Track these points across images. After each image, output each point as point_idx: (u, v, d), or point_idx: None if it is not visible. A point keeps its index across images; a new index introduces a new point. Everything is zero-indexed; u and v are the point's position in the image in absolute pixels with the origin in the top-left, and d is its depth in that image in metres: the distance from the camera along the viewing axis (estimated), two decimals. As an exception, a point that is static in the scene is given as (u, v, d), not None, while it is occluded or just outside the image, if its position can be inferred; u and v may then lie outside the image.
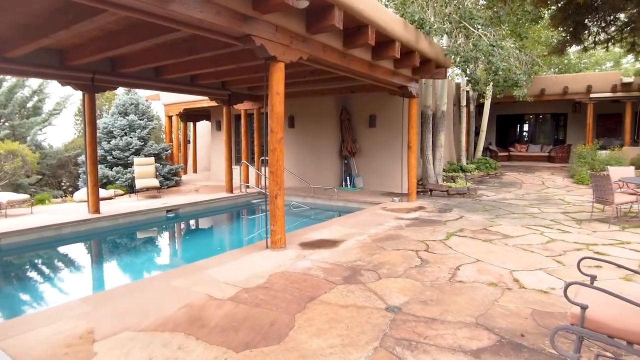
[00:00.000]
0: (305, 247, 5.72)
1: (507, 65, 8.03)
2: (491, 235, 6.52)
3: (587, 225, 7.41)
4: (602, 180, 7.40)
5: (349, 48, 6.56)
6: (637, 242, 6.16)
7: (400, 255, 5.34)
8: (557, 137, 21.37)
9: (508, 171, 15.89)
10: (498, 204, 9.59)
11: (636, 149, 15.35)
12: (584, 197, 10.56)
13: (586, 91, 15.93)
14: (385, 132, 11.52)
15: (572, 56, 23.48)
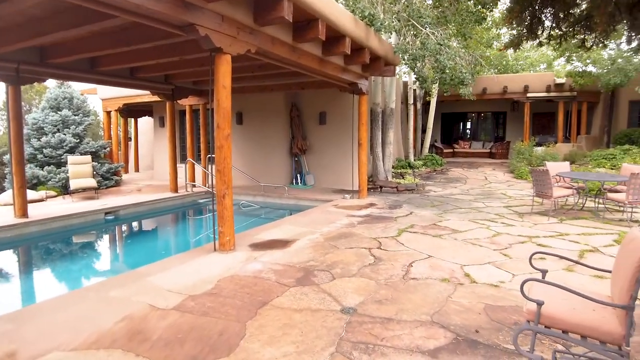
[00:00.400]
0: (255, 249, 5.49)
1: (453, 64, 8.21)
2: (441, 231, 6.61)
3: (528, 218, 7.72)
4: (541, 175, 7.75)
5: (299, 42, 6.39)
6: (575, 234, 6.49)
7: (353, 254, 5.25)
8: (497, 134, 22.44)
9: (453, 167, 16.44)
10: (445, 199, 9.82)
11: (568, 145, 16.39)
12: (523, 191, 11.07)
13: (523, 91, 16.81)
14: (336, 129, 11.48)
15: (510, 57, 24.71)
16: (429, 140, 16.94)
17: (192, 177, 11.71)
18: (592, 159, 13.97)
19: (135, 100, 14.04)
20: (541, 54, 26.63)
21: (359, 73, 9.16)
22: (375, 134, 11.25)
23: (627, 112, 16.76)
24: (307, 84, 10.56)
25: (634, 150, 13.36)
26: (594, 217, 7.78)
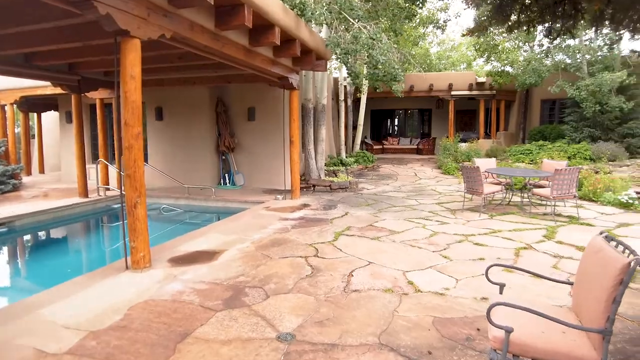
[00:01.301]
0: (176, 264, 4.79)
1: (386, 59, 8.01)
2: (378, 232, 6.34)
3: (460, 215, 7.75)
4: (472, 172, 7.79)
5: (222, 29, 5.74)
6: (507, 230, 6.54)
7: (288, 264, 4.76)
8: (423, 130, 23.14)
9: (383, 163, 16.55)
10: (379, 197, 9.67)
11: (489, 141, 17.20)
12: (452, 187, 11.29)
13: (448, 89, 17.36)
14: (266, 125, 10.89)
15: (434, 57, 25.62)
16: (360, 137, 16.91)
17: (105, 179, 10.48)
18: (511, 154, 14.73)
19: (36, 92, 12.34)
20: (461, 54, 27.94)
21: (290, 67, 8.66)
22: (307, 131, 10.84)
23: (539, 109, 17.96)
24: (234, 77, 9.84)
25: (548, 145, 14.27)
26: (521, 211, 8.00)
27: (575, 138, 14.51)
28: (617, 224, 6.97)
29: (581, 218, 7.31)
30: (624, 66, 13.60)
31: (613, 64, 13.70)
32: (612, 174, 10.94)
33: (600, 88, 12.78)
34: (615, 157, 12.75)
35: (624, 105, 13.09)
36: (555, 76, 14.86)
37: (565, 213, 7.73)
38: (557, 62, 15.09)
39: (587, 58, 14.30)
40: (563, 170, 7.16)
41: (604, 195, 8.80)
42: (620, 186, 9.16)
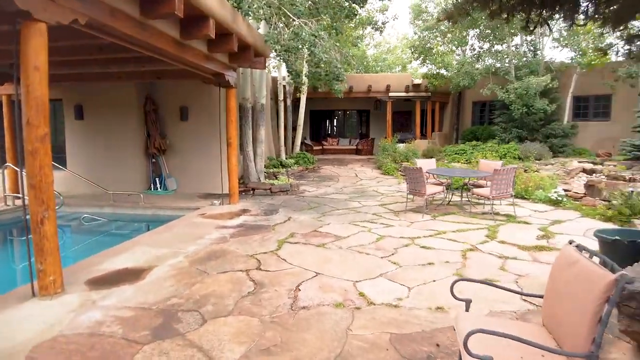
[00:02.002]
0: (96, 287, 4.14)
1: (328, 58, 7.74)
2: (323, 238, 6.03)
3: (404, 216, 7.66)
4: (415, 174, 7.74)
5: (149, 17, 5.12)
6: (451, 231, 6.51)
7: (228, 281, 4.29)
8: (362, 131, 23.33)
9: (324, 164, 16.36)
10: (321, 199, 9.39)
11: (425, 141, 17.63)
12: (392, 187, 11.30)
13: (386, 90, 17.55)
14: (201, 126, 10.20)
15: (370, 58, 25.97)
16: (300, 138, 16.59)
17: (13, 186, 9.24)
18: (446, 154, 15.15)
19: None
20: (397, 57, 28.60)
21: (226, 63, 8.11)
22: (245, 132, 10.31)
23: (471, 111, 18.73)
24: (165, 72, 9.07)
25: (481, 145, 14.84)
26: (461, 211, 8.09)
27: (505, 138, 15.23)
28: (550, 221, 7.22)
29: (518, 216, 7.50)
30: (547, 71, 14.47)
31: (537, 69, 14.53)
32: (540, 172, 11.51)
33: (527, 91, 13.48)
34: (541, 156, 13.51)
35: (547, 108, 13.93)
36: (486, 79, 15.52)
37: (503, 212, 7.90)
38: (488, 66, 15.77)
39: (514, 63, 15.06)
40: (501, 170, 7.31)
41: (536, 193, 9.17)
42: (549, 184, 9.60)
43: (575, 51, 14.59)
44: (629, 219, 6.96)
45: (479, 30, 16.33)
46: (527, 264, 5.02)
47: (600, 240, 4.45)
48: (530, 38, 16.01)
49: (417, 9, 18.17)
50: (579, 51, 14.38)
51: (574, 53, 14.72)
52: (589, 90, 15.09)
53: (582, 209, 8.07)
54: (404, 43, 27.13)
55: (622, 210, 7.11)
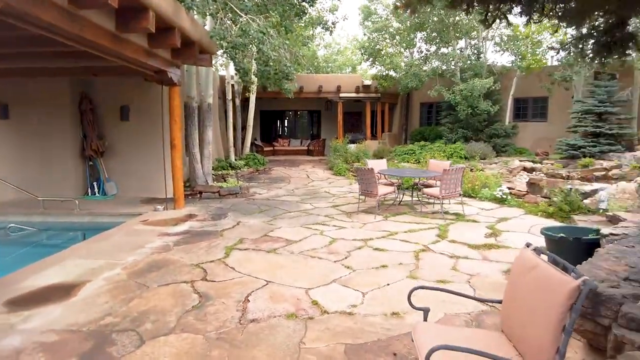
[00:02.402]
0: (17, 307, 3.66)
1: (278, 56, 7.50)
2: (274, 243, 5.79)
3: (356, 217, 7.58)
4: (366, 174, 7.68)
5: (79, 7, 4.66)
6: (402, 232, 6.49)
7: (170, 294, 3.95)
8: (313, 132, 23.24)
9: (275, 166, 16.07)
10: (272, 202, 9.14)
11: (375, 142, 17.79)
12: (344, 188, 11.24)
13: (337, 91, 17.54)
14: (143, 126, 9.61)
15: (321, 59, 25.95)
16: (249, 139, 16.18)
17: None
18: (396, 154, 15.35)
19: None
20: (347, 58, 28.81)
21: (169, 59, 7.66)
22: (191, 133, 9.84)
23: (419, 112, 19.14)
24: (102, 69, 8.44)
25: (429, 145, 15.17)
26: (412, 211, 8.14)
27: (452, 138, 15.67)
28: (497, 218, 7.41)
29: (466, 215, 7.64)
30: (489, 74, 15.04)
31: (481, 72, 15.06)
32: (485, 171, 11.89)
33: (471, 93, 13.93)
34: (485, 155, 14.00)
35: (490, 109, 14.47)
36: (433, 81, 15.90)
37: (452, 210, 8.03)
38: (434, 68, 16.17)
39: (459, 65, 15.53)
40: (450, 170, 7.41)
41: (482, 192, 9.42)
42: (493, 183, 9.90)
43: (515, 55, 15.28)
44: (568, 215, 7.27)
45: (426, 33, 16.71)
46: (477, 263, 5.06)
47: (547, 238, 4.54)
48: (474, 42, 16.61)
49: (366, 11, 18.32)
50: (519, 55, 15.07)
51: (514, 57, 15.42)
52: (528, 92, 15.86)
53: (525, 206, 8.37)
54: (354, 44, 27.36)
55: (562, 207, 7.42)
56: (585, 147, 12.61)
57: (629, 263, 3.19)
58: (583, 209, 7.35)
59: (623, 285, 2.91)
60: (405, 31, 16.62)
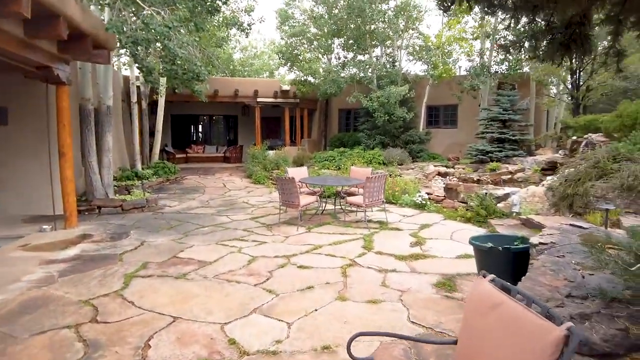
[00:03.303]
0: None
1: (187, 55, 6.73)
2: (185, 266, 5.07)
3: (277, 230, 7.08)
4: (287, 184, 7.21)
5: None
6: (327, 245, 6.11)
7: (46, 347, 3.11)
8: (229, 138, 22.27)
9: (188, 174, 14.96)
10: (184, 216, 8.28)
11: (295, 148, 17.43)
12: (264, 197, 10.67)
13: (254, 95, 16.87)
14: (26, 131, 8.19)
15: (237, 63, 25.06)
16: (158, 145, 14.90)
17: None
18: (316, 160, 15.10)
19: None
20: (264, 63, 28.22)
21: (55, 53, 6.52)
22: (87, 139, 8.61)
23: (337, 118, 19.17)
24: (-33, 64, 7.01)
25: (348, 151, 15.13)
26: (335, 220, 7.83)
27: (370, 144, 15.82)
28: (419, 225, 7.35)
29: (390, 222, 7.50)
30: (404, 82, 15.43)
31: (397, 79, 15.40)
32: (403, 176, 12.05)
33: (388, 100, 14.14)
34: (403, 161, 14.29)
35: (406, 116, 14.83)
36: (352, 87, 15.95)
37: (375, 218, 7.85)
38: (352, 75, 16.24)
39: (376, 73, 15.75)
40: (373, 177, 7.20)
41: (402, 198, 9.42)
42: (413, 188, 9.99)
43: (428, 64, 15.87)
44: (485, 219, 7.43)
45: (344, 40, 16.76)
46: (406, 276, 4.82)
47: (476, 248, 4.40)
48: (389, 50, 16.99)
49: (283, 14, 17.94)
50: (431, 64, 15.67)
51: (427, 66, 16.02)
52: (440, 100, 16.58)
53: (444, 211, 8.48)
54: (271, 49, 26.87)
55: (479, 212, 7.57)
56: (493, 152, 13.36)
57: (568, 277, 3.06)
58: (498, 213, 7.57)
59: (567, 303, 2.75)
60: (323, 37, 16.51)
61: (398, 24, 15.41)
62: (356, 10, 14.55)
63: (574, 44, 2.28)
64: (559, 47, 2.33)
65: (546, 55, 2.47)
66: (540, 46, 2.47)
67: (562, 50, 2.34)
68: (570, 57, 2.45)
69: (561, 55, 2.40)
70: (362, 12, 14.56)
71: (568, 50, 2.35)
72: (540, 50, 2.46)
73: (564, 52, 2.37)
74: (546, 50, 2.43)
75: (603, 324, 2.56)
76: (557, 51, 2.37)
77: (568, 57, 2.44)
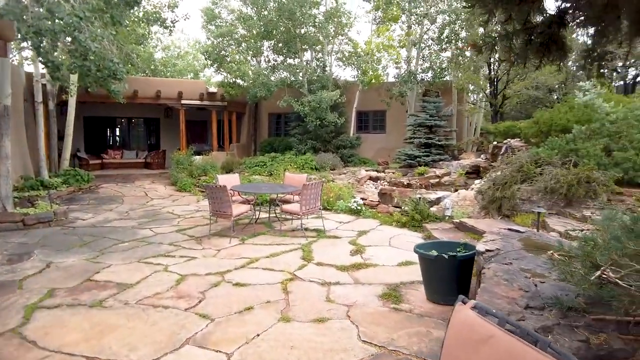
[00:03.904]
0: None
1: (100, 49, 5.95)
2: (101, 291, 4.40)
3: (208, 243, 6.54)
4: (218, 193, 6.70)
5: None
6: (264, 257, 5.73)
7: None
8: (151, 142, 20.86)
9: (104, 183, 13.63)
10: (100, 230, 7.40)
11: (223, 153, 16.69)
12: (191, 206, 9.98)
13: (178, 97, 15.86)
14: None
15: (159, 63, 23.61)
16: (69, 150, 13.38)
17: None
18: (246, 166, 14.54)
19: None
20: (188, 63, 26.94)
21: None
22: (-22, 144, 7.38)
23: (267, 122, 18.72)
24: None
25: (280, 157, 14.76)
26: (271, 229, 7.45)
27: (302, 149, 15.59)
28: (357, 232, 7.22)
29: (327, 230, 7.28)
30: (335, 87, 15.41)
31: (328, 84, 15.34)
32: (336, 181, 11.95)
33: (319, 104, 14.01)
34: (335, 166, 14.23)
35: (337, 121, 14.81)
36: (282, 91, 15.61)
37: (312, 226, 7.60)
38: (283, 79, 15.92)
39: (307, 77, 15.57)
40: (310, 184, 6.93)
41: (337, 204, 9.28)
42: (347, 194, 9.90)
43: (358, 70, 16.00)
44: (420, 224, 7.48)
45: (274, 43, 16.40)
46: (351, 288, 4.60)
47: (421, 257, 4.27)
48: (319, 55, 16.92)
49: (210, 14, 17.14)
50: (361, 71, 15.80)
51: (357, 72, 16.15)
52: (369, 106, 16.81)
53: (379, 217, 8.44)
54: (196, 49, 25.69)
55: (414, 216, 7.61)
56: (420, 156, 13.75)
57: (522, 286, 2.97)
58: (432, 217, 7.66)
59: (527, 316, 2.64)
60: (252, 38, 16.01)
61: (328, 29, 15.38)
62: (286, 12, 14.27)
63: (554, 45, 2.18)
64: (538, 49, 2.21)
65: (521, 56, 2.35)
66: (514, 47, 2.34)
67: (542, 51, 2.23)
68: (548, 60, 2.35)
69: (539, 57, 2.28)
70: (293, 15, 14.31)
71: (547, 52, 2.24)
72: (516, 51, 2.34)
73: (542, 55, 2.26)
74: (521, 51, 2.30)
75: (565, 335, 2.48)
76: (535, 52, 2.25)
77: (546, 59, 2.34)
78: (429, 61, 15.97)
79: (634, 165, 6.63)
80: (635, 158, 6.69)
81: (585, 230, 4.36)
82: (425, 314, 3.92)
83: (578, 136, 7.73)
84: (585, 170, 6.48)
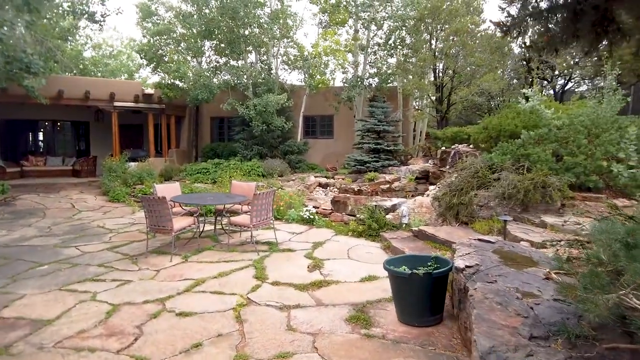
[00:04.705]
0: None
1: (10, 37, 5.00)
2: (10, 332, 3.57)
3: (145, 262, 5.76)
4: (156, 205, 5.92)
5: None
6: (211, 278, 5.08)
7: None
8: (80, 147, 19.11)
9: (24, 193, 12.07)
10: (15, 250, 6.33)
11: (161, 159, 15.56)
12: (125, 219, 8.99)
13: (110, 99, 14.51)
14: None
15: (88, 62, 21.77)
16: (-20, 157, 11.77)
17: None
18: (187, 173, 13.58)
19: None
20: (121, 63, 25.18)
21: None
22: None
23: (209, 126, 17.77)
24: None
25: (224, 163, 13.93)
26: (217, 244, 6.78)
27: (247, 155, 14.87)
28: (311, 244, 6.76)
29: (279, 242, 6.74)
30: (281, 90, 14.86)
31: (274, 87, 14.76)
32: (284, 188, 11.39)
33: (265, 108, 13.40)
34: (283, 172, 13.66)
35: (285, 125, 14.27)
36: (226, 94, 14.81)
37: (263, 238, 7.01)
38: (227, 81, 15.11)
39: (252, 80, 14.89)
40: (261, 194, 6.34)
41: (288, 213, 8.77)
42: (298, 202, 9.39)
43: (305, 73, 15.54)
44: (378, 232, 7.13)
45: (216, 43, 15.54)
46: (313, 312, 4.10)
47: (392, 274, 3.84)
48: (264, 57, 16.30)
49: (145, 9, 15.94)
50: (308, 74, 15.36)
51: (304, 75, 15.68)
52: (317, 110, 16.42)
53: (333, 226, 8.03)
54: (130, 47, 24.05)
55: (371, 225, 7.25)
56: (370, 162, 13.55)
57: (519, 311, 2.62)
58: (389, 225, 7.34)
59: (535, 349, 2.27)
60: (192, 38, 15.06)
61: (274, 31, 14.81)
62: (229, 11, 13.52)
63: (612, 25, 1.77)
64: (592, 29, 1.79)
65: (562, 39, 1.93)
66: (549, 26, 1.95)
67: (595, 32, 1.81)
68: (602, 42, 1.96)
69: (591, 39, 1.88)
70: (236, 14, 13.59)
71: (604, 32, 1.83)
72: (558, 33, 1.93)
73: (597, 35, 1.85)
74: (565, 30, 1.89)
75: (581, 374, 2.14)
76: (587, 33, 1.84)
77: (596, 43, 1.95)
78: (376, 66, 15.89)
79: (585, 170, 6.70)
80: (585, 162, 6.77)
81: (562, 241, 4.16)
82: (401, 339, 3.50)
83: (527, 141, 7.76)
84: (540, 175, 6.45)
